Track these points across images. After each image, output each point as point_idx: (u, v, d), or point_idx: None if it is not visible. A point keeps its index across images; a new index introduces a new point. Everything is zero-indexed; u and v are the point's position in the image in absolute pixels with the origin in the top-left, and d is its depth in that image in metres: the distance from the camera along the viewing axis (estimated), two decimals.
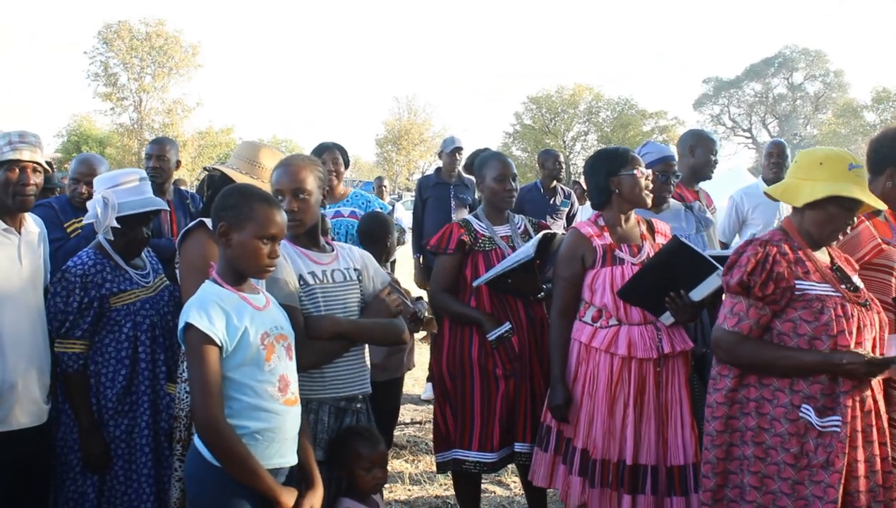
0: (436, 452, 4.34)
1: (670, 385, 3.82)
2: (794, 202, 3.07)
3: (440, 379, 4.27)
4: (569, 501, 3.92)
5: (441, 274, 4.29)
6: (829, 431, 2.89)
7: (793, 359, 2.92)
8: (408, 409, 7.25)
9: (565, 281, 3.93)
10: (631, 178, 3.88)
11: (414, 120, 55.13)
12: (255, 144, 3.65)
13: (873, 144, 3.70)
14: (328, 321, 3.12)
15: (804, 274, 2.97)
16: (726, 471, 3.06)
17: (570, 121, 54.96)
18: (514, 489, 5.33)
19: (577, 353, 3.89)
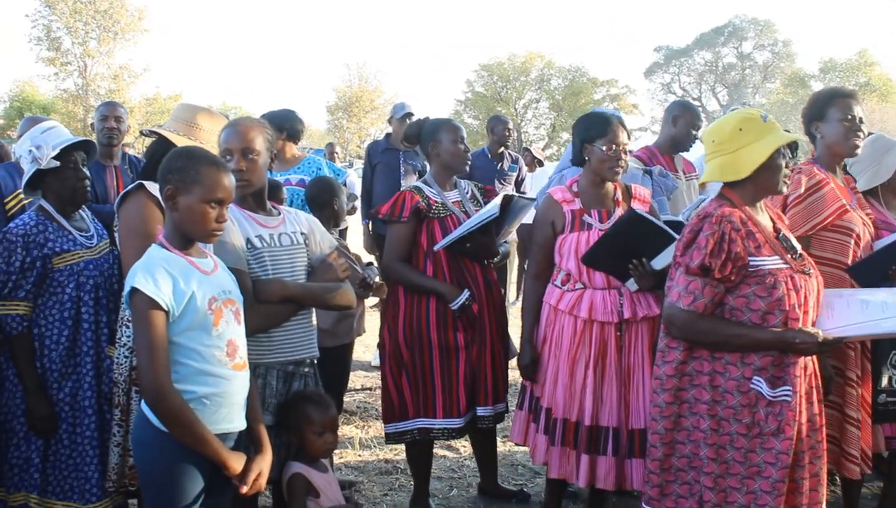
0: (387, 423, 4.31)
1: (633, 349, 3.88)
2: (741, 174, 3.05)
3: (394, 350, 4.22)
4: (535, 458, 4.04)
5: (396, 243, 4.23)
6: (779, 400, 2.96)
7: (747, 337, 2.96)
8: (358, 375, 7.26)
9: (538, 245, 4.02)
10: (600, 152, 3.90)
11: (365, 87, 54.67)
12: (193, 106, 3.60)
13: (802, 114, 3.84)
14: (277, 284, 3.11)
15: (756, 250, 3.00)
16: (674, 441, 3.11)
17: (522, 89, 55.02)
18: (464, 452, 5.38)
19: (546, 316, 3.99)
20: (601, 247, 3.77)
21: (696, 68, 60.58)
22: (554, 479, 4.00)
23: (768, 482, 2.93)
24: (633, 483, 3.85)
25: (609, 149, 3.88)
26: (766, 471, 2.94)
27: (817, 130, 3.81)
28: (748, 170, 3.03)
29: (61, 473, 3.44)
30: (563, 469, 3.90)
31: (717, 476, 3.01)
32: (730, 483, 2.99)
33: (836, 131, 3.78)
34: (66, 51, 42.90)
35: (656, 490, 3.14)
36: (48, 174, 3.47)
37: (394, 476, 5.02)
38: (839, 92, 3.88)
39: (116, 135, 5.32)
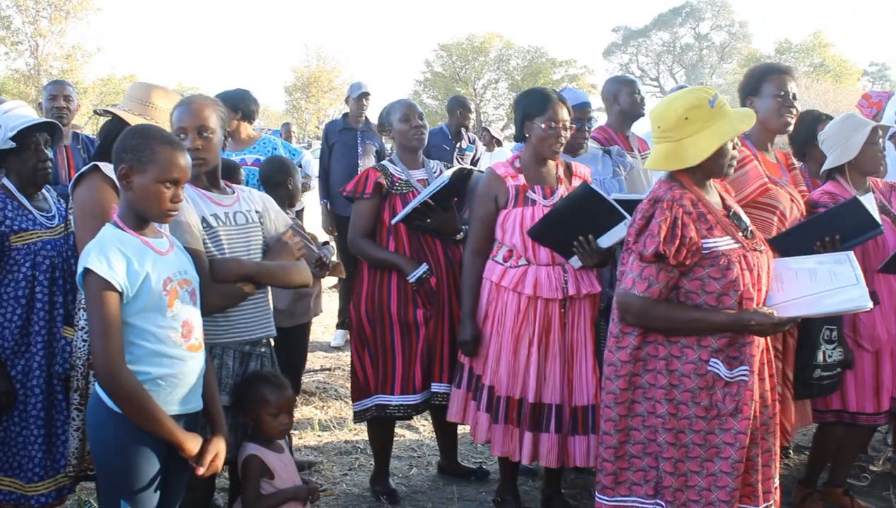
0: (354, 401, 4.34)
1: (576, 326, 3.90)
2: (685, 164, 3.02)
3: (359, 325, 4.24)
4: (476, 437, 4.02)
5: (359, 219, 4.25)
6: (737, 381, 2.98)
7: (703, 321, 2.96)
8: (317, 356, 7.25)
9: (479, 220, 3.99)
10: (539, 130, 3.90)
11: (323, 67, 54.25)
12: (147, 85, 3.55)
13: (739, 87, 3.90)
14: (234, 263, 3.08)
15: (708, 232, 2.99)
16: (628, 428, 3.10)
17: (481, 69, 54.98)
18: (424, 432, 5.39)
19: (488, 292, 3.97)
20: (550, 220, 3.78)
21: (654, 49, 60.92)
22: (505, 459, 4.03)
23: (727, 462, 2.95)
24: (576, 461, 3.88)
25: (548, 127, 3.88)
26: (725, 452, 2.96)
27: (752, 105, 3.81)
28: (693, 162, 3.00)
29: (10, 450, 3.45)
30: (506, 446, 3.91)
31: (676, 461, 3.01)
32: (689, 467, 3.00)
33: (769, 107, 3.80)
34: (17, 30, 41.95)
35: (610, 479, 3.13)
36: (8, 154, 3.48)
37: (353, 457, 5.03)
38: (774, 68, 3.90)
39: (66, 114, 5.25)
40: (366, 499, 4.42)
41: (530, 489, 4.51)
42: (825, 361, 3.69)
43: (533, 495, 4.43)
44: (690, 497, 2.99)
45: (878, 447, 5.21)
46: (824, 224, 3.64)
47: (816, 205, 3.93)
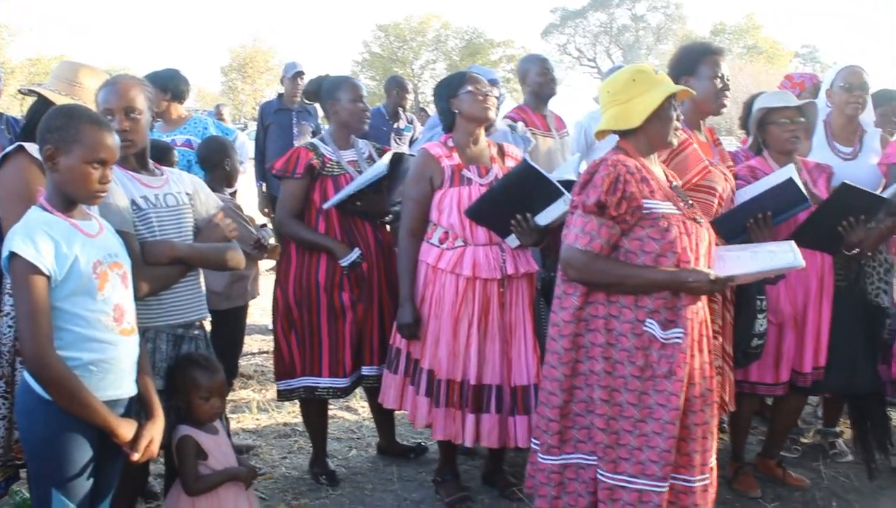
0: (279, 380, 4.31)
1: (514, 306, 3.92)
2: (633, 122, 3.10)
3: (286, 307, 4.20)
4: (416, 421, 4.00)
5: (288, 199, 4.18)
6: (671, 343, 3.02)
7: (642, 277, 3.01)
8: (255, 339, 7.19)
9: (414, 201, 3.96)
10: (468, 95, 3.91)
11: (259, 48, 53.58)
12: (74, 64, 3.46)
13: (669, 66, 3.90)
14: (165, 246, 3.02)
15: (650, 193, 3.05)
16: (572, 387, 3.14)
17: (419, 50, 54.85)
18: (363, 413, 5.38)
19: (425, 275, 3.95)
20: (488, 199, 3.78)
21: (592, 29, 61.27)
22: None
23: (659, 423, 3.00)
24: (517, 441, 3.90)
25: (475, 89, 3.90)
26: (658, 413, 3.00)
27: (687, 85, 3.71)
28: (640, 119, 3.08)
29: None
30: (449, 430, 3.91)
31: (609, 419, 3.05)
32: (622, 426, 3.04)
33: (706, 89, 3.80)
34: None
35: (556, 438, 3.16)
36: None
37: (292, 439, 5.00)
38: (711, 48, 3.91)
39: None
40: (305, 482, 4.39)
41: (470, 468, 4.54)
42: (759, 330, 3.77)
43: (472, 474, 4.45)
44: (621, 454, 3.04)
45: (808, 420, 5.35)
46: (756, 203, 3.70)
47: (737, 178, 3.99)
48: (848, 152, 4.66)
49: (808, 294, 4.13)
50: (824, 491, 4.37)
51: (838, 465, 4.71)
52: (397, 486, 4.34)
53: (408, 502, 4.17)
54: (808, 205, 3.77)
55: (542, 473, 3.22)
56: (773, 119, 4.09)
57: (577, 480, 3.17)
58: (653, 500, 3.00)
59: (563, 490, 3.19)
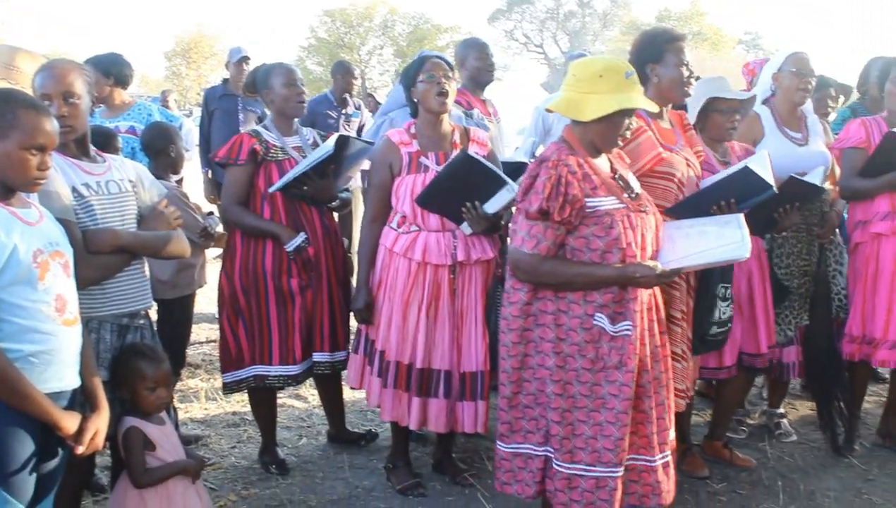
0: (225, 372, 4.25)
1: (466, 293, 3.92)
2: (581, 117, 3.08)
3: (232, 295, 4.15)
4: (369, 400, 4.06)
5: (232, 186, 4.14)
6: (621, 335, 3.06)
7: (590, 275, 3.04)
8: (203, 328, 7.10)
9: (375, 187, 3.98)
10: (423, 85, 3.90)
11: (204, 32, 52.83)
12: (11, 48, 3.39)
13: (629, 54, 3.87)
14: (108, 234, 2.96)
15: (592, 191, 3.05)
16: (521, 380, 3.18)
17: (366, 35, 54.46)
18: (312, 401, 5.35)
19: (382, 258, 3.96)
20: (434, 188, 3.78)
21: (538, 15, 61.31)
22: (396, 425, 4.05)
23: (612, 413, 3.05)
24: (465, 427, 3.93)
25: (428, 79, 3.89)
26: (610, 403, 3.05)
27: (653, 72, 3.78)
28: (588, 117, 3.06)
29: None
30: (395, 411, 3.93)
31: (563, 411, 3.09)
32: (577, 417, 3.09)
33: (673, 77, 3.79)
34: None
35: (506, 427, 3.22)
36: None
37: (241, 429, 4.95)
38: (676, 35, 3.90)
39: None
40: (255, 471, 4.36)
41: (421, 454, 4.53)
42: (720, 318, 3.81)
43: (424, 460, 4.45)
44: (577, 444, 3.09)
45: (754, 401, 5.43)
46: (718, 191, 3.72)
47: None
48: (799, 137, 4.69)
49: (752, 277, 4.20)
50: (770, 471, 4.44)
51: (783, 445, 4.79)
52: (348, 474, 4.32)
53: (359, 489, 4.15)
54: (772, 192, 3.80)
55: (497, 457, 3.30)
56: (719, 107, 4.13)
57: (525, 469, 3.23)
58: (609, 485, 3.07)
59: (514, 478, 3.25)
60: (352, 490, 4.14)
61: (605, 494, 3.07)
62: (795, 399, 5.56)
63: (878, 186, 4.39)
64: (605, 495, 3.07)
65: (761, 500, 4.09)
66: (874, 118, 4.63)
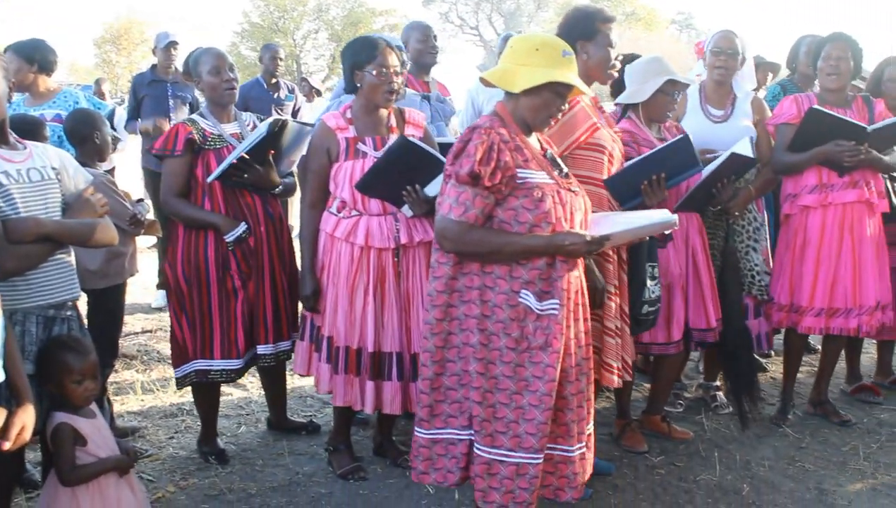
0: (174, 367, 4.19)
1: (411, 274, 3.91)
2: (513, 88, 3.05)
3: (176, 288, 4.08)
4: (319, 388, 4.01)
5: (171, 177, 4.06)
6: (547, 314, 3.00)
7: (518, 244, 2.96)
8: (138, 318, 6.99)
9: (313, 173, 3.93)
10: (371, 78, 3.83)
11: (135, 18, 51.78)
12: None
13: (558, 31, 3.85)
14: (31, 222, 2.86)
15: (524, 162, 3.01)
16: (444, 359, 3.10)
17: (300, 20, 53.85)
18: (252, 389, 5.30)
19: (324, 244, 3.93)
20: (373, 174, 3.75)
21: None
22: (340, 407, 4.02)
23: (536, 395, 2.98)
24: None
25: (380, 74, 3.82)
26: (534, 385, 2.98)
27: (583, 49, 3.78)
28: (519, 88, 3.02)
29: None
30: (348, 396, 3.91)
31: (485, 391, 3.02)
32: (499, 399, 3.01)
33: (603, 56, 3.81)
34: None
35: (426, 411, 3.13)
36: None
37: (179, 419, 4.88)
38: (609, 16, 3.90)
39: None
40: (194, 461, 4.29)
41: (361, 437, 4.51)
42: (650, 297, 3.84)
43: (365, 444, 4.43)
44: (498, 428, 3.01)
45: (691, 375, 5.51)
46: (652, 163, 3.75)
47: None
48: (719, 115, 4.80)
49: (695, 253, 4.26)
50: (707, 443, 4.51)
51: (720, 417, 4.88)
52: (289, 460, 4.29)
53: (300, 475, 4.12)
54: (699, 169, 3.85)
55: (415, 445, 3.19)
56: (666, 89, 4.17)
57: (446, 456, 3.14)
58: (529, 472, 3.00)
59: (432, 466, 3.15)
60: (292, 477, 4.11)
61: (525, 482, 3.00)
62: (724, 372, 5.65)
63: (806, 160, 4.49)
64: (525, 483, 3.00)
65: (699, 471, 4.15)
66: (806, 95, 4.73)
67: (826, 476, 4.11)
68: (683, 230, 4.19)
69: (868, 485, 4.03)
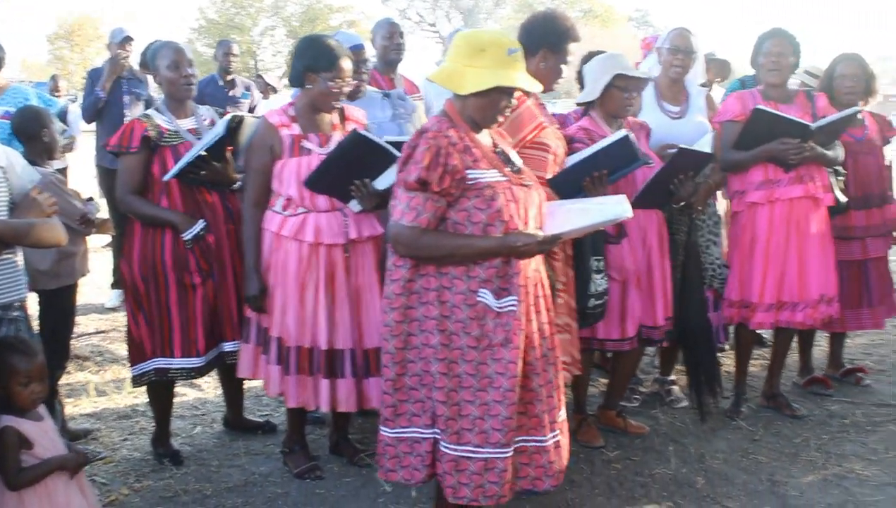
0: (132, 365, 4.13)
1: (361, 270, 3.89)
2: (460, 90, 3.05)
3: (133, 286, 4.02)
4: (269, 390, 3.95)
5: (127, 175, 4.00)
6: (506, 311, 3.02)
7: (471, 247, 2.98)
8: (91, 318, 6.90)
9: (255, 171, 3.86)
10: (324, 86, 3.79)
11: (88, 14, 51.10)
12: None
13: (525, 28, 3.88)
14: None
15: (474, 163, 3.02)
16: (405, 360, 3.11)
17: (257, 16, 53.47)
18: (207, 389, 5.25)
19: (269, 243, 3.87)
20: (324, 170, 3.72)
21: None
22: (294, 408, 4.00)
23: (499, 392, 3.00)
24: (374, 402, 3.88)
25: (335, 85, 3.80)
26: (497, 382, 3.01)
27: (544, 57, 3.81)
28: (465, 91, 3.03)
29: None
30: (302, 396, 3.87)
31: (449, 391, 3.03)
32: (463, 397, 3.03)
33: (557, 71, 3.88)
34: None
35: (390, 411, 3.15)
36: None
37: (133, 420, 4.83)
38: (577, 36, 3.91)
39: None
40: (148, 463, 4.25)
41: (318, 437, 4.49)
42: (596, 290, 3.86)
43: (321, 443, 4.41)
44: (464, 425, 3.03)
45: (646, 370, 5.55)
46: (594, 161, 3.77)
47: (573, 141, 4.07)
48: (675, 111, 4.86)
49: (651, 250, 4.27)
50: (662, 437, 4.55)
51: (675, 411, 4.93)
52: (244, 460, 4.26)
53: (256, 476, 4.09)
54: (641, 163, 3.87)
55: (381, 444, 3.20)
56: (620, 84, 4.18)
57: (411, 454, 3.15)
58: (498, 466, 3.02)
59: (399, 464, 3.17)
60: (248, 477, 4.08)
61: (495, 476, 3.02)
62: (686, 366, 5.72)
63: (752, 158, 4.55)
64: (495, 477, 3.02)
65: (654, 465, 4.19)
66: (750, 91, 4.77)
67: (778, 468, 4.16)
68: (641, 227, 4.21)
69: (819, 476, 4.08)
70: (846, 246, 4.95)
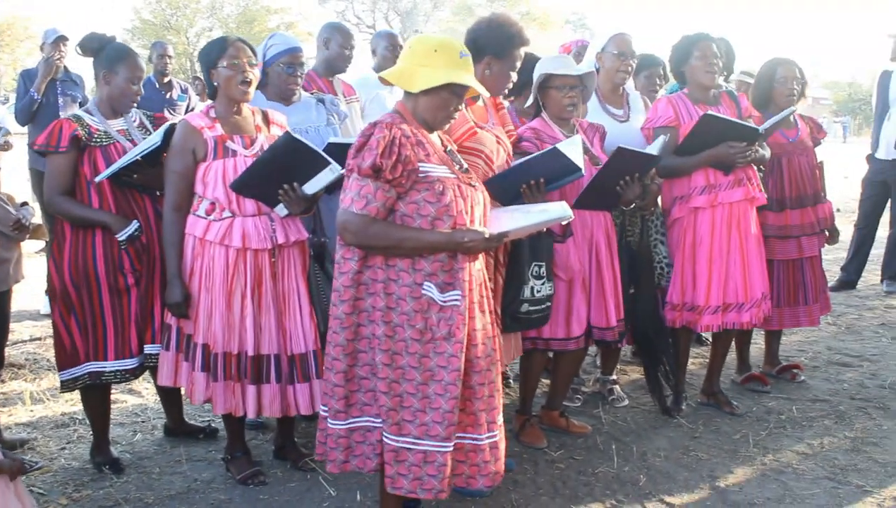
0: (60, 370, 4.05)
1: (287, 275, 3.88)
2: (412, 87, 3.11)
3: (63, 290, 3.95)
4: (193, 397, 3.90)
5: (55, 175, 3.93)
6: (449, 305, 3.05)
7: (419, 240, 3.03)
8: (26, 325, 6.78)
9: (177, 174, 3.80)
10: (225, 71, 3.79)
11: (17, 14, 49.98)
12: None
13: (470, 34, 3.89)
14: None
15: (426, 157, 3.07)
16: (356, 351, 3.14)
17: (193, 17, 52.80)
18: (147, 395, 5.18)
19: (193, 248, 3.82)
20: (254, 172, 3.70)
21: None
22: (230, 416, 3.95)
23: (441, 385, 3.04)
24: (300, 409, 3.88)
25: (231, 66, 3.78)
26: (439, 375, 3.05)
27: (489, 64, 3.82)
28: (416, 88, 3.08)
29: None
30: (229, 403, 3.84)
31: (391, 382, 3.07)
32: (405, 389, 3.07)
33: (505, 78, 3.89)
34: None
35: (342, 402, 3.16)
36: None
37: (71, 429, 4.74)
38: (525, 40, 3.92)
39: None
40: (87, 472, 4.17)
41: (260, 442, 4.47)
42: (533, 296, 3.87)
43: (265, 448, 4.39)
44: (405, 417, 3.07)
45: (588, 369, 5.61)
46: (529, 170, 3.80)
47: (521, 140, 4.12)
48: (620, 114, 4.93)
49: (599, 251, 4.29)
50: (605, 436, 4.60)
51: (617, 410, 4.99)
52: (186, 467, 4.21)
53: (198, 482, 4.04)
54: (580, 175, 3.90)
55: (331, 438, 3.21)
56: (554, 84, 4.22)
57: (364, 443, 3.18)
58: (437, 460, 3.05)
59: (352, 454, 3.20)
60: (190, 484, 4.03)
61: (433, 469, 3.05)
62: (627, 365, 5.80)
63: (695, 163, 4.59)
64: (433, 470, 3.05)
65: (597, 464, 4.23)
66: (679, 95, 4.80)
67: (718, 465, 4.23)
68: (587, 226, 4.25)
69: (757, 471, 4.16)
70: (783, 245, 5.07)
